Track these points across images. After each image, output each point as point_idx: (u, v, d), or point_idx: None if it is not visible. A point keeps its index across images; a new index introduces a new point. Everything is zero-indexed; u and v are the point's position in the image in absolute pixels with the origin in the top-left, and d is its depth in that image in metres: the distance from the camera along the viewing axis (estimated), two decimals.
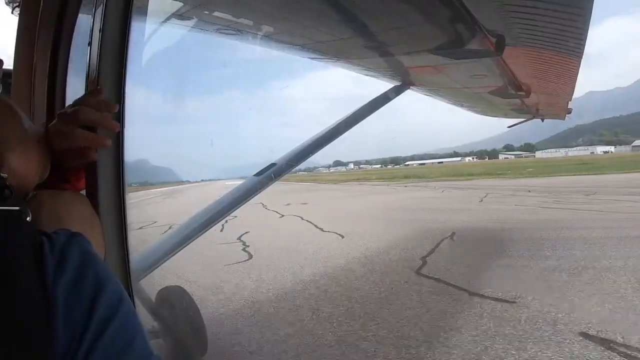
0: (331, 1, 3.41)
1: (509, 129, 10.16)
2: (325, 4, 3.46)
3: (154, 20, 3.55)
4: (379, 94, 5.68)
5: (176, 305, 3.95)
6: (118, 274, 1.14)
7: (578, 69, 4.98)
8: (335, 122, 5.04)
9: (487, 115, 9.98)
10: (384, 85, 5.93)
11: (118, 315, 0.64)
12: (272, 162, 4.10)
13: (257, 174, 3.95)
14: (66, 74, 1.98)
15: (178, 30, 4.15)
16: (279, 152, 4.32)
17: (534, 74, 5.34)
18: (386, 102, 5.64)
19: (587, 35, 3.83)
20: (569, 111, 8.29)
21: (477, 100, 7.74)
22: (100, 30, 1.26)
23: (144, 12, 3.23)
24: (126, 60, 1.28)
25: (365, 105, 5.41)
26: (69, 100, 1.19)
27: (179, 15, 3.75)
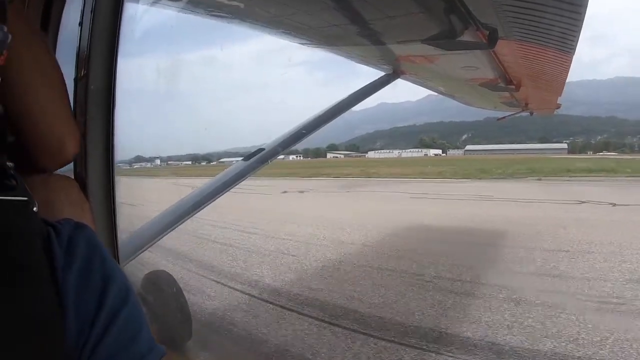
0: None
1: (498, 121, 10.19)
2: None
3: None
4: (368, 83, 5.70)
5: (162, 290, 3.98)
6: None
7: (570, 65, 5.00)
8: (324, 109, 5.05)
9: (476, 106, 10.00)
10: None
11: (126, 307, 0.65)
12: (261, 147, 4.12)
13: (246, 159, 3.96)
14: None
15: (171, 11, 4.12)
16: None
17: (525, 69, 5.37)
18: (376, 91, 5.65)
19: (580, 31, 3.85)
20: (558, 106, 8.37)
21: (468, 92, 7.77)
22: (92, 11, 1.24)
23: None
24: (118, 41, 1.27)
25: (354, 92, 5.42)
26: None
27: None
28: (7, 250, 0.59)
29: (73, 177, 1.12)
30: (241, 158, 4.10)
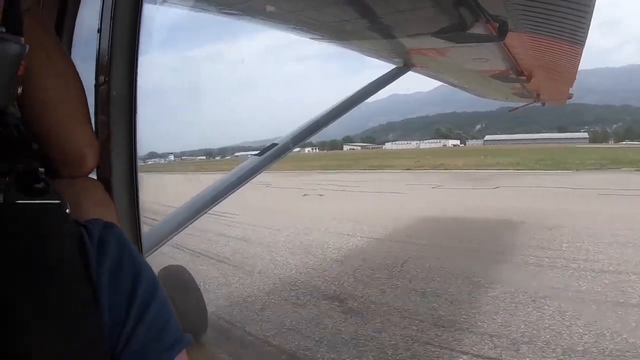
0: None
1: (510, 113, 10.14)
2: None
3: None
4: (378, 73, 5.71)
5: (178, 284, 4.07)
6: None
7: (580, 56, 4.98)
8: (336, 103, 5.07)
9: (488, 97, 9.96)
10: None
11: (155, 301, 0.69)
12: (274, 142, 4.16)
13: (259, 154, 4.01)
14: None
15: (182, 9, 4.17)
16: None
17: (536, 60, 5.34)
18: (387, 84, 5.66)
19: (590, 22, 3.84)
20: (570, 96, 8.29)
21: (479, 83, 7.73)
22: (111, 18, 1.28)
23: None
24: (138, 45, 1.31)
25: (366, 86, 5.43)
26: None
27: None
28: (46, 252, 0.63)
29: (96, 178, 1.16)
30: (255, 152, 4.15)
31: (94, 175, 1.15)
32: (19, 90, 0.66)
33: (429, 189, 19.75)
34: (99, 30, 1.34)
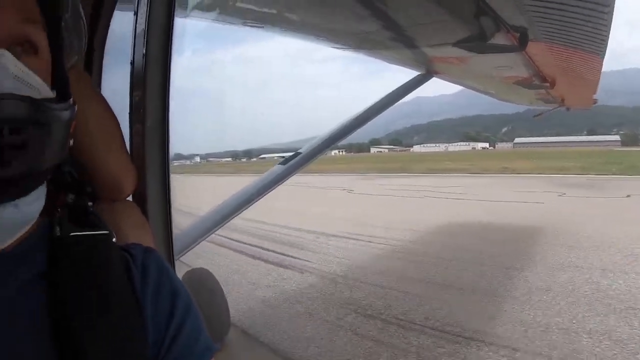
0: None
1: (535, 118, 10.07)
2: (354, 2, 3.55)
3: (195, 15, 3.73)
4: (402, 83, 5.77)
5: (202, 287, 4.20)
6: None
7: (601, 64, 4.97)
8: (359, 111, 5.16)
9: (512, 102, 9.92)
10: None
11: (190, 318, 0.77)
12: (298, 151, 4.27)
13: (283, 163, 4.12)
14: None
15: (211, 24, 4.28)
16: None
17: (558, 68, 5.34)
18: (410, 91, 5.71)
19: (609, 32, 3.84)
20: (595, 101, 8.21)
21: (503, 88, 7.72)
22: (144, 31, 1.38)
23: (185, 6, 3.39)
24: (170, 73, 1.41)
25: (389, 94, 5.50)
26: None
27: (211, 7, 3.88)
28: (100, 279, 0.71)
29: (131, 199, 1.25)
30: (280, 153, 4.26)
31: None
32: (71, 142, 0.73)
33: (556, 196, 16.33)
34: (132, 63, 1.43)
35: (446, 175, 29.89)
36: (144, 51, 1.39)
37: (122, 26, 1.77)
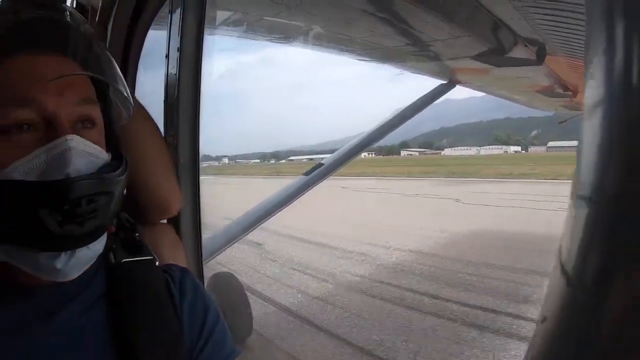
0: (383, 18, 3.71)
1: (560, 125, 10.03)
2: (377, 20, 3.75)
3: (222, 33, 3.94)
4: (426, 92, 5.90)
5: (227, 290, 4.37)
6: None
7: None
8: (383, 120, 5.31)
9: (537, 109, 9.90)
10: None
11: (218, 327, 0.93)
12: (320, 162, 4.50)
13: (306, 174, 4.36)
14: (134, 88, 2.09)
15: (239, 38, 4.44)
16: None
17: (579, 79, 5.39)
18: (434, 100, 5.83)
19: None
20: None
21: (527, 96, 7.75)
22: (178, 50, 1.49)
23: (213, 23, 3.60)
24: (200, 82, 1.51)
25: (413, 103, 5.63)
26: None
27: (237, 23, 4.08)
28: (149, 298, 0.86)
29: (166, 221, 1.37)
30: (309, 155, 4.40)
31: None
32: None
33: None
34: (167, 56, 1.55)
35: (528, 181, 24.55)
36: (177, 71, 1.48)
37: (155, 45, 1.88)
